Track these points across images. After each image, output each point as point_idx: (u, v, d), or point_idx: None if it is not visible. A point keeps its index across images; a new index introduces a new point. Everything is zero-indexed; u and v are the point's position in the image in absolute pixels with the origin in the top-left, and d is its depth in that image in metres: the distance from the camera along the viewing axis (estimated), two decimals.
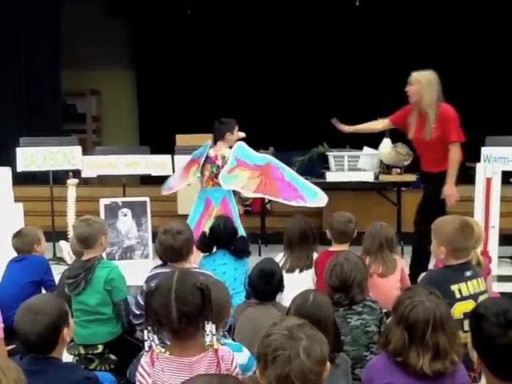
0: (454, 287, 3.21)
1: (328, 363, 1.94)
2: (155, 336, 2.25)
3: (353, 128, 5.81)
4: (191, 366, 2.17)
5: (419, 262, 5.07)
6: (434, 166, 5.25)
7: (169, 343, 2.31)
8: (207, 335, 2.21)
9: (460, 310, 3.21)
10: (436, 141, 5.14)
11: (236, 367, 2.29)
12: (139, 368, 2.25)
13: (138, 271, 5.45)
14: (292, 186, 5.67)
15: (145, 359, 2.25)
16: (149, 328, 2.25)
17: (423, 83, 5.16)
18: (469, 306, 3.18)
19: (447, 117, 5.15)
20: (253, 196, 6.13)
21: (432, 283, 3.20)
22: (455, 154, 5.14)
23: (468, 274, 3.27)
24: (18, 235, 4.42)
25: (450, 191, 5.13)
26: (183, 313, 2.16)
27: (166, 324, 2.20)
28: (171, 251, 3.49)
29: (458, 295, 3.21)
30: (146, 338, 2.27)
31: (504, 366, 1.89)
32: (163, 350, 2.23)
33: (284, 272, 3.99)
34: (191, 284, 2.23)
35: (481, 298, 3.19)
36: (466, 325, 3.14)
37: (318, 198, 5.64)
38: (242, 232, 5.61)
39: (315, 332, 1.96)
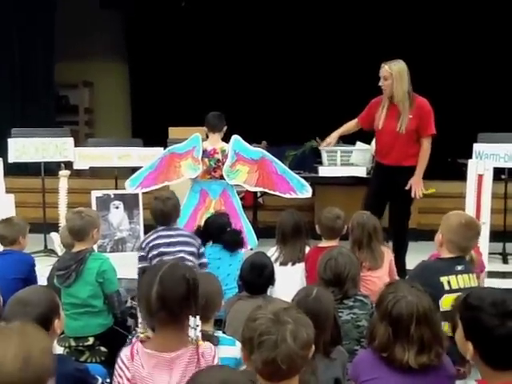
0: (443, 279, 3.25)
1: (313, 346, 1.94)
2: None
3: (333, 137, 5.75)
4: (170, 361, 2.17)
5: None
6: (404, 159, 5.20)
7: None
8: (191, 328, 2.20)
9: (448, 301, 3.24)
10: (410, 133, 5.12)
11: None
12: (118, 361, 2.24)
13: (130, 263, 5.45)
14: (284, 179, 5.78)
15: (124, 352, 2.24)
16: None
17: (395, 75, 5.10)
18: None
19: (426, 110, 5.15)
20: (254, 190, 6.15)
21: (422, 273, 3.27)
22: (428, 148, 5.21)
23: (459, 268, 3.31)
24: (6, 222, 4.33)
25: (418, 183, 5.18)
26: (161, 294, 2.16)
27: (144, 304, 2.20)
28: (162, 215, 4.10)
29: (446, 287, 3.25)
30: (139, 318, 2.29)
31: (501, 356, 1.92)
32: (150, 334, 2.25)
33: (277, 265, 4.00)
34: (180, 273, 2.23)
35: None
36: None
37: (305, 190, 5.82)
38: (246, 224, 5.64)
39: (301, 315, 1.96)
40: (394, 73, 5.10)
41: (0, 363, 1.57)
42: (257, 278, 3.34)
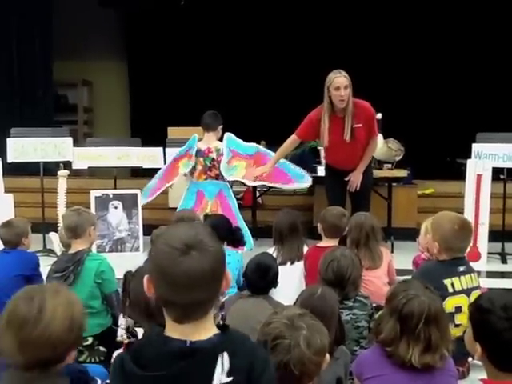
0: (447, 281, 3.30)
1: (327, 354, 1.95)
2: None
3: (269, 166, 5.46)
4: None
5: None
6: (359, 161, 5.24)
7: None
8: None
9: (452, 303, 3.27)
10: (362, 142, 5.14)
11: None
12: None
13: (129, 264, 5.44)
14: (282, 171, 5.79)
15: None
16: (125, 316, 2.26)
17: (350, 83, 4.99)
18: (461, 300, 3.26)
19: (371, 114, 5.12)
20: (254, 184, 6.16)
21: (425, 276, 3.28)
22: (375, 147, 5.35)
23: (461, 269, 3.37)
24: (6, 226, 4.29)
25: (358, 178, 5.21)
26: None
27: (142, 308, 2.21)
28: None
29: (450, 289, 3.28)
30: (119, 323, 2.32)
31: (508, 359, 1.93)
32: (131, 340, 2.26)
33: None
34: None
35: (473, 294, 3.27)
36: (457, 318, 3.23)
37: (305, 179, 5.90)
38: (242, 225, 5.64)
39: (316, 322, 1.97)
40: (350, 81, 5.00)
41: (52, 321, 1.69)
42: (260, 279, 3.34)
